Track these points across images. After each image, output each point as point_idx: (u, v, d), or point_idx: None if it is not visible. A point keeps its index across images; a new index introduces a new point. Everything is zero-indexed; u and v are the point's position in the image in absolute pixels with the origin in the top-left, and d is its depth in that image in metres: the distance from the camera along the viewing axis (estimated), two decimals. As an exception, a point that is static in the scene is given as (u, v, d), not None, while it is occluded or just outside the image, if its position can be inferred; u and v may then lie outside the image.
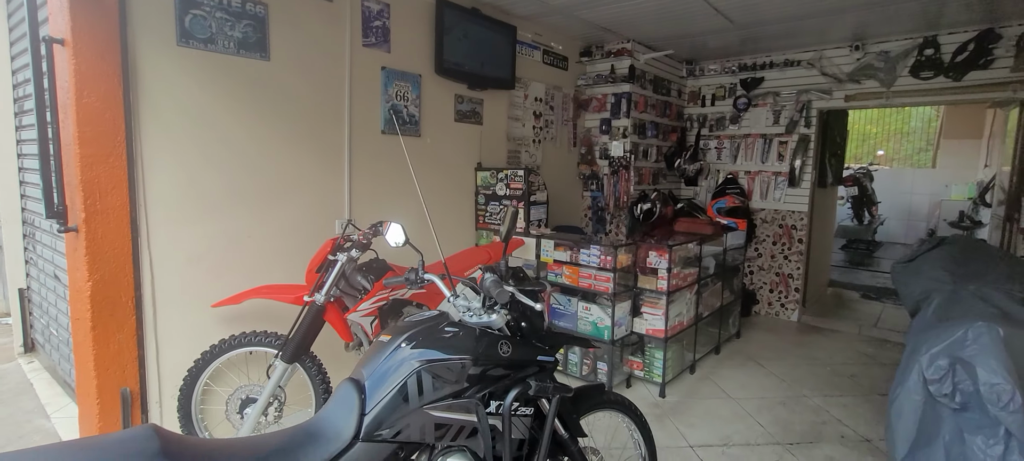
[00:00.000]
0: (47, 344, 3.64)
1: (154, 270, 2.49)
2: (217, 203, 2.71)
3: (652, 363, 3.55)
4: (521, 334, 1.63)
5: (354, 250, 2.55)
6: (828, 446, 2.92)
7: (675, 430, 3.06)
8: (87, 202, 2.26)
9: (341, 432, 1.29)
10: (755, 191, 5.31)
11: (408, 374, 1.37)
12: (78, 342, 2.42)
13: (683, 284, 3.60)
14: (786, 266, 5.20)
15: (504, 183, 3.93)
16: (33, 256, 3.76)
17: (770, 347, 4.46)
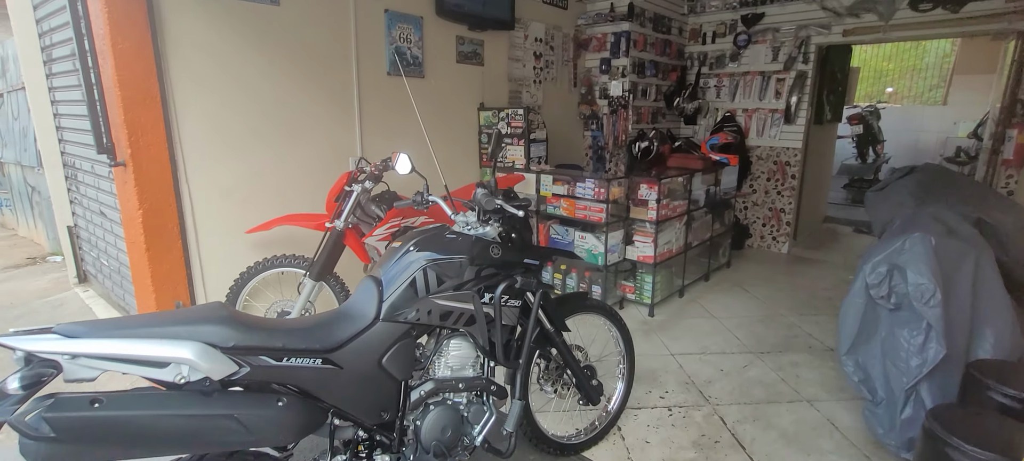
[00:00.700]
0: (99, 274, 4.06)
1: (193, 201, 2.82)
2: (242, 141, 2.99)
3: (642, 287, 3.88)
4: (511, 243, 1.93)
5: (367, 182, 2.84)
6: (795, 354, 3.26)
7: (660, 342, 3.42)
8: (131, 139, 2.56)
9: (366, 314, 1.61)
10: (752, 129, 5.46)
11: (416, 270, 1.68)
12: (135, 263, 2.79)
13: (672, 215, 3.86)
14: (779, 201, 5.41)
15: (506, 122, 4.15)
16: (77, 196, 4.12)
17: (757, 275, 4.76)
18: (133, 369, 1.19)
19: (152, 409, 1.20)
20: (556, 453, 2.29)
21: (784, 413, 2.66)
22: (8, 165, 6.76)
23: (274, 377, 1.38)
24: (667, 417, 2.63)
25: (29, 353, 1.10)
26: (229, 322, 1.33)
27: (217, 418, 1.26)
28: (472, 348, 1.87)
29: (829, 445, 2.42)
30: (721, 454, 2.36)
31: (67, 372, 1.13)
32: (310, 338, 1.46)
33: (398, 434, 1.67)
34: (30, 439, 1.07)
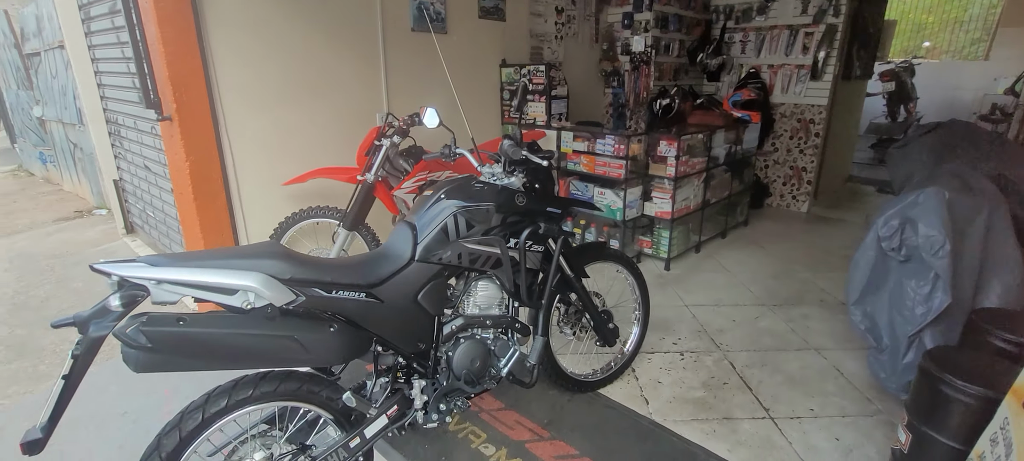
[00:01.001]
0: (145, 225, 4.33)
1: (234, 154, 2.99)
2: (276, 96, 3.13)
3: (659, 242, 3.99)
4: (535, 193, 2.05)
5: (395, 136, 2.97)
6: (806, 307, 3.37)
7: (674, 294, 3.55)
8: (176, 94, 2.71)
9: (402, 255, 1.77)
10: (777, 85, 5.38)
11: (447, 216, 1.82)
12: (183, 213, 3.00)
13: (691, 172, 3.92)
14: (801, 160, 5.38)
15: (527, 79, 4.20)
16: (121, 151, 4.35)
17: (774, 234, 4.82)
18: (207, 295, 1.37)
19: (226, 328, 1.38)
20: (574, 389, 2.48)
21: (792, 359, 2.79)
22: (50, 123, 7.05)
23: (325, 307, 1.55)
24: (679, 361, 2.79)
25: (122, 278, 1.28)
26: (286, 257, 1.49)
27: (280, 338, 1.45)
28: (498, 289, 2.03)
29: (833, 388, 2.56)
30: (729, 394, 2.52)
31: (154, 295, 1.31)
32: (355, 274, 1.62)
33: (432, 363, 1.86)
34: (130, 348, 1.26)
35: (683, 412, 2.40)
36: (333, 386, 1.67)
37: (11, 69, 8.22)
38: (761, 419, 2.35)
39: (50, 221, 6.00)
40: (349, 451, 1.66)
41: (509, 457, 2.12)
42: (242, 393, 1.48)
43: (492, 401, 2.45)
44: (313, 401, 1.62)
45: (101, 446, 2.26)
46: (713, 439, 2.23)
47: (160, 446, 1.39)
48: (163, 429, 1.41)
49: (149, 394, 2.56)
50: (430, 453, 2.13)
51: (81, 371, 1.24)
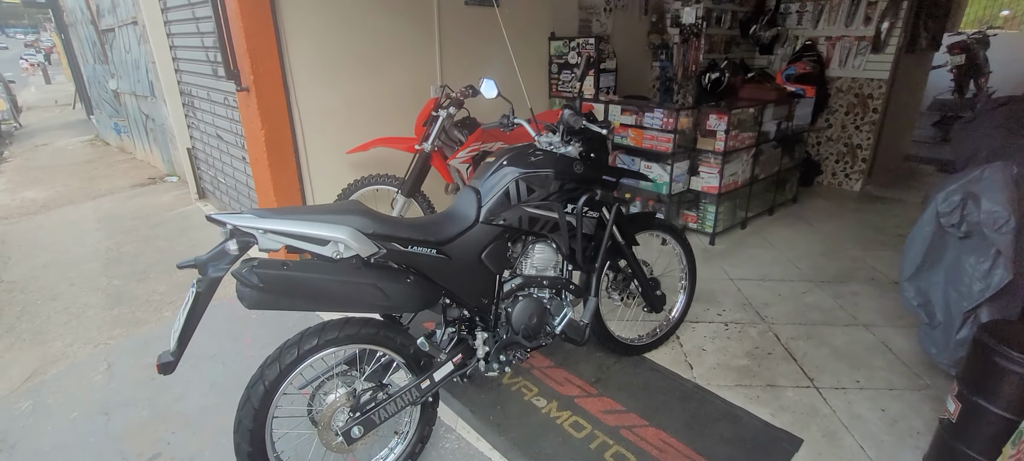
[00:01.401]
0: (216, 190, 4.66)
1: (303, 123, 3.20)
2: (341, 69, 3.31)
3: (705, 216, 4.01)
4: (591, 162, 2.14)
5: (451, 107, 3.10)
6: (856, 284, 3.34)
7: (719, 269, 3.59)
8: (253, 66, 2.92)
9: (467, 216, 1.91)
10: (834, 58, 5.19)
11: (509, 182, 1.94)
12: (258, 178, 3.25)
13: (740, 146, 3.89)
14: (856, 137, 5.21)
15: (576, 52, 4.23)
16: (194, 121, 4.67)
17: (824, 212, 4.72)
18: (303, 245, 1.55)
19: (321, 274, 1.57)
20: (620, 352, 2.60)
21: (838, 334, 2.81)
22: (124, 95, 7.56)
23: (402, 260, 1.72)
24: (723, 331, 2.86)
25: (235, 226, 1.47)
26: (369, 215, 1.66)
27: (365, 286, 1.62)
28: (554, 252, 2.15)
29: (880, 362, 2.58)
30: (773, 363, 2.58)
31: (260, 243, 1.50)
32: (427, 232, 1.78)
33: (494, 317, 2.01)
34: (245, 287, 1.46)
35: (727, 378, 2.48)
36: (405, 333, 1.85)
37: (88, 44, 8.81)
38: (805, 388, 2.41)
39: (128, 187, 6.51)
40: (420, 391, 1.84)
41: (560, 409, 2.27)
42: (329, 334, 1.67)
43: (542, 359, 2.60)
44: (388, 345, 1.80)
45: (196, 382, 2.55)
46: (756, 404, 2.31)
47: (263, 376, 1.60)
48: (265, 361, 1.62)
49: (234, 340, 2.84)
50: (486, 402, 2.31)
51: (203, 305, 1.45)
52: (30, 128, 12.59)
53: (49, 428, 2.33)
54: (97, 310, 3.36)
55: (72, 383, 2.64)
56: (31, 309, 3.45)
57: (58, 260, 4.20)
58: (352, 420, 1.71)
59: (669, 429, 2.15)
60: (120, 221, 4.97)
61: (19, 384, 2.69)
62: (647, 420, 2.21)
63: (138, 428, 2.29)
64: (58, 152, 9.32)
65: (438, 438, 2.17)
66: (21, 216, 5.60)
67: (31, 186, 6.94)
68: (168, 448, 2.17)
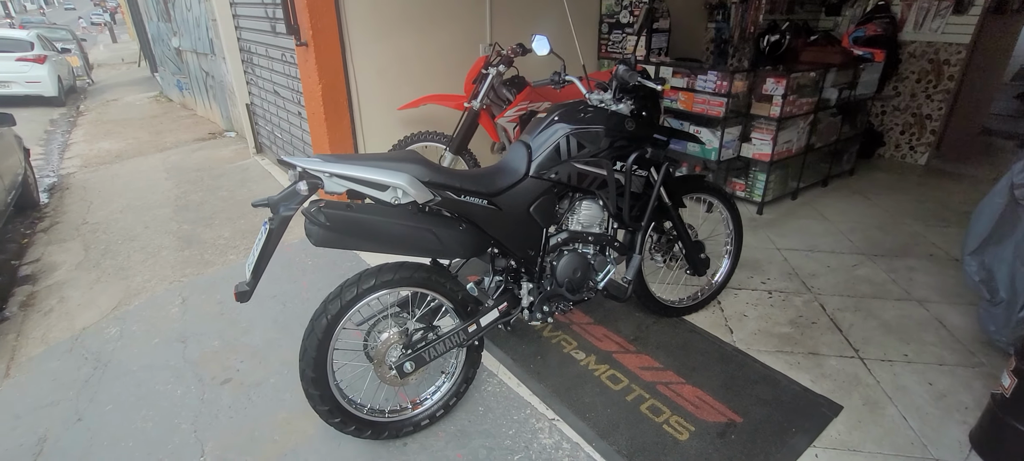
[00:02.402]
0: (272, 145, 4.89)
1: (358, 78, 3.30)
2: (393, 26, 3.37)
3: (754, 184, 3.91)
4: (643, 120, 2.14)
5: (501, 65, 3.12)
6: (913, 260, 3.21)
7: (766, 238, 3.52)
8: (312, 21, 3.02)
9: (518, 170, 1.96)
10: (909, 20, 4.83)
11: (560, 137, 1.97)
12: (315, 132, 3.40)
13: (797, 112, 3.74)
14: (926, 106, 4.88)
15: (628, 10, 4.12)
16: (253, 78, 4.88)
17: (883, 185, 4.50)
18: (365, 189, 1.65)
19: (382, 216, 1.67)
20: (660, 313, 2.63)
21: (889, 308, 2.74)
22: (186, 52, 7.92)
23: (455, 208, 1.80)
24: (767, 299, 2.83)
25: (304, 169, 1.58)
26: (425, 164, 1.74)
27: (422, 230, 1.72)
28: (600, 210, 2.18)
29: (932, 338, 2.50)
30: (817, 332, 2.55)
31: (326, 185, 1.61)
32: (479, 183, 1.85)
33: (539, 269, 2.08)
34: (313, 225, 1.58)
35: (768, 344, 2.48)
36: (454, 279, 1.95)
37: (152, 3, 9.20)
38: (849, 358, 2.39)
39: (191, 141, 6.90)
40: (467, 334, 1.95)
41: (598, 363, 2.34)
42: (385, 276, 1.78)
43: (582, 316, 2.67)
44: (438, 290, 1.90)
45: (260, 318, 2.77)
46: (796, 370, 2.31)
47: (326, 310, 1.73)
48: (328, 297, 1.75)
49: (293, 283, 3.05)
50: (527, 352, 2.41)
51: (275, 240, 1.58)
52: (101, 84, 13.41)
53: (135, 351, 2.60)
54: (170, 251, 3.65)
55: (153, 314, 2.92)
56: (113, 248, 3.78)
57: (134, 205, 4.56)
58: (404, 356, 1.84)
59: (706, 387, 2.19)
60: (186, 172, 5.30)
61: (108, 312, 2.99)
62: (684, 378, 2.25)
63: (211, 355, 2.53)
64: (127, 107, 9.92)
65: (481, 381, 2.29)
66: (99, 165, 6.06)
67: (105, 138, 7.46)
68: (237, 374, 2.39)
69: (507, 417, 2.10)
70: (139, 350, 2.61)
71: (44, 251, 3.88)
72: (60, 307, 3.09)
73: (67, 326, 2.89)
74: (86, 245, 3.89)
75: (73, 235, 4.11)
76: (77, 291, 3.25)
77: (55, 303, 3.14)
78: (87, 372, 2.48)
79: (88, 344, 2.70)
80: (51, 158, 6.72)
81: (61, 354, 2.64)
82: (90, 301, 3.12)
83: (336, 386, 1.83)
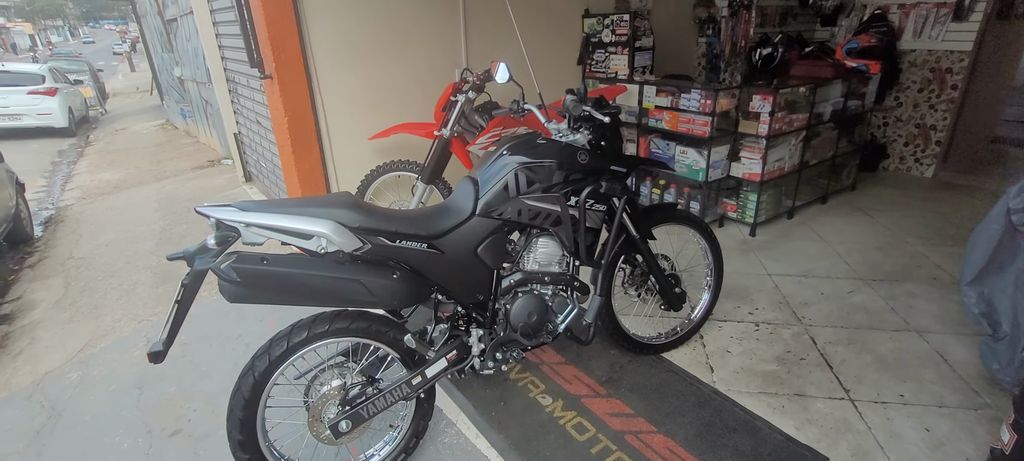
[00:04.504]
0: (260, 174, 4.86)
1: (326, 109, 3.24)
2: (363, 54, 3.31)
3: (746, 205, 3.73)
4: (600, 150, 2.01)
5: (470, 92, 3.03)
6: (913, 284, 3.00)
7: (757, 261, 3.34)
8: (275, 53, 2.97)
9: (463, 209, 1.84)
10: (908, 29, 4.64)
11: (508, 173, 1.85)
12: (284, 163, 3.34)
13: (788, 129, 3.57)
14: (931, 116, 4.67)
15: (610, 29, 4.02)
16: (239, 106, 4.87)
17: (886, 200, 4.28)
18: (287, 239, 1.54)
19: (301, 269, 1.56)
20: (635, 351, 2.47)
21: (886, 340, 2.54)
22: (187, 81, 8.03)
23: (389, 255, 1.68)
24: (753, 331, 2.65)
25: (219, 220, 1.48)
26: (354, 207, 1.63)
27: (347, 281, 1.60)
28: (558, 246, 2.05)
29: (932, 375, 2.30)
30: (805, 370, 2.37)
31: (244, 236, 1.51)
32: (417, 226, 1.73)
33: (490, 314, 1.95)
34: (224, 282, 1.47)
35: (750, 384, 2.30)
36: (399, 328, 1.82)
37: (156, 34, 9.40)
38: (839, 400, 2.20)
39: (189, 169, 6.95)
40: (412, 387, 1.82)
41: (564, 409, 2.19)
42: (319, 327, 1.67)
43: (553, 355, 2.52)
44: (381, 339, 1.78)
45: (220, 362, 2.68)
46: (780, 414, 2.13)
47: (253, 367, 1.62)
48: (256, 353, 1.64)
49: (259, 322, 2.95)
50: (490, 397, 2.27)
51: (190, 297, 1.47)
52: (113, 113, 13.73)
53: (91, 399, 2.52)
54: (145, 288, 3.60)
55: (116, 357, 2.85)
56: (91, 284, 3.75)
57: (119, 239, 4.55)
58: (341, 413, 1.72)
59: (678, 437, 2.02)
60: (176, 202, 5.30)
61: (74, 355, 2.93)
62: (656, 426, 2.09)
63: (165, 403, 2.44)
64: (134, 136, 10.10)
65: (438, 432, 2.15)
66: (97, 196, 6.11)
67: (108, 168, 7.56)
68: (188, 425, 2.29)
69: (460, 473, 1.96)
70: (95, 398, 2.53)
71: (27, 288, 3.87)
72: (29, 349, 3.04)
73: (32, 370, 2.83)
74: (67, 281, 3.86)
75: (57, 271, 4.09)
76: (49, 332, 3.20)
77: (25, 345, 3.10)
78: (41, 422, 2.41)
79: (48, 390, 2.63)
80: (53, 190, 6.82)
81: (20, 402, 2.58)
82: (59, 343, 3.06)
83: (268, 447, 1.71)
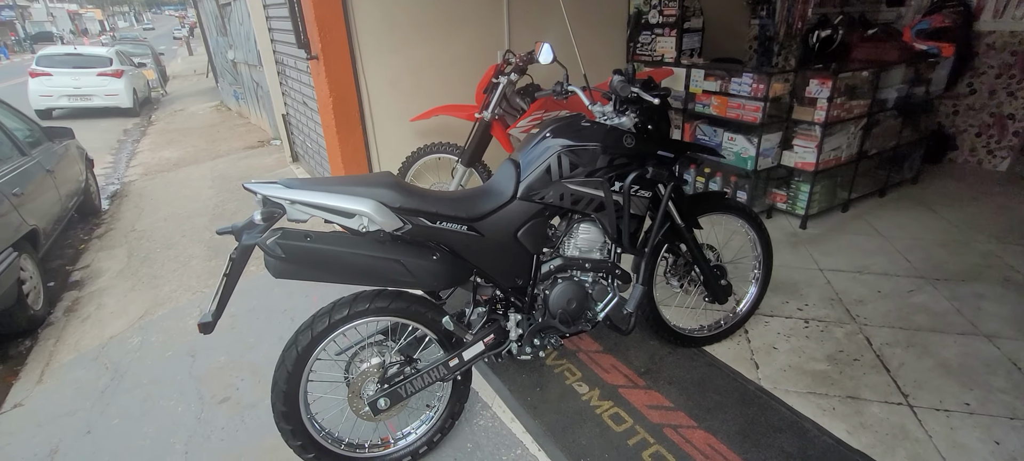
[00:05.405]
0: (306, 154, 5.00)
1: (369, 91, 3.27)
2: (406, 35, 3.31)
3: (797, 196, 3.55)
4: (647, 135, 1.94)
5: (513, 74, 2.99)
6: (982, 285, 2.79)
7: (808, 255, 3.18)
8: (321, 34, 3.01)
9: (504, 193, 1.82)
10: (987, 8, 4.26)
11: (551, 156, 1.81)
12: (329, 143, 3.41)
13: (846, 117, 3.36)
14: (1009, 105, 4.29)
15: (658, 10, 3.87)
16: (287, 88, 5.00)
17: (953, 195, 3.98)
18: (331, 217, 1.56)
19: (343, 247, 1.58)
20: (676, 343, 2.40)
21: (949, 344, 2.37)
22: (240, 64, 8.32)
23: (430, 236, 1.69)
24: (802, 328, 2.53)
25: (265, 196, 1.51)
26: (396, 187, 1.63)
27: (388, 261, 1.62)
28: (600, 233, 2.00)
29: (1003, 384, 2.13)
30: (858, 371, 2.24)
31: (289, 213, 1.54)
32: (458, 208, 1.72)
33: (529, 299, 1.93)
34: (270, 257, 1.51)
35: (798, 383, 2.20)
36: (438, 309, 1.83)
37: (212, 19, 9.76)
38: (896, 405, 2.07)
39: (241, 148, 7.23)
40: (448, 369, 1.83)
41: (601, 398, 2.16)
42: (360, 305, 1.70)
43: (590, 343, 2.49)
44: (419, 320, 1.80)
45: (267, 334, 2.78)
46: (830, 417, 2.02)
47: (297, 341, 1.67)
48: (299, 328, 1.69)
49: (303, 297, 3.05)
50: (526, 383, 2.26)
51: (238, 271, 1.52)
52: (173, 95, 14.42)
53: (149, 363, 2.68)
54: (199, 260, 3.78)
55: (172, 325, 3.01)
56: (151, 256, 3.97)
57: (177, 213, 4.79)
58: (379, 391, 1.75)
59: (719, 434, 1.96)
60: (228, 180, 5.53)
61: (135, 321, 3.12)
62: (696, 421, 2.03)
63: (216, 371, 2.56)
64: (191, 116, 10.58)
65: (473, 414, 2.17)
66: (157, 173, 6.46)
67: (168, 146, 7.96)
68: (236, 393, 2.39)
69: (496, 457, 1.97)
70: (153, 362, 2.68)
71: (94, 257, 4.13)
72: (96, 314, 3.26)
73: (98, 334, 3.03)
74: (130, 252, 4.11)
75: (121, 242, 4.35)
76: (113, 298, 3.42)
77: (93, 310, 3.32)
78: (105, 382, 2.57)
79: (111, 353, 2.81)
80: (119, 166, 7.25)
81: (87, 363, 2.76)
82: (122, 309, 3.26)
83: (310, 419, 1.76)
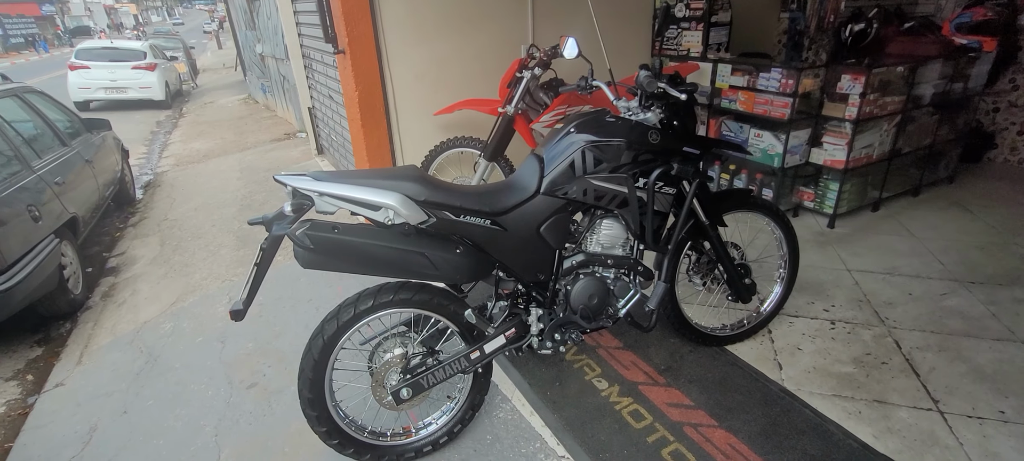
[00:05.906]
0: (331, 147, 5.08)
1: (394, 85, 3.31)
2: (430, 30, 3.33)
3: (825, 194, 3.47)
4: (673, 131, 1.92)
5: (537, 68, 2.98)
6: (1021, 290, 2.69)
7: (836, 256, 3.11)
8: (348, 28, 3.05)
9: (528, 187, 1.83)
10: (1034, 1, 4.08)
11: (575, 151, 1.81)
12: (354, 136, 3.46)
13: (880, 114, 3.26)
14: (1056, 101, 4.11)
15: (685, 4, 3.81)
16: (313, 81, 5.09)
17: (991, 195, 3.84)
18: (357, 209, 1.60)
19: (369, 239, 1.61)
20: (698, 341, 2.38)
21: (984, 350, 2.30)
22: (267, 58, 8.48)
23: (453, 230, 1.71)
24: (828, 329, 2.49)
25: (295, 188, 1.55)
26: (421, 181, 1.66)
27: (412, 253, 1.64)
28: (623, 229, 1.99)
29: (1040, 392, 2.06)
30: (886, 375, 2.19)
31: (317, 205, 1.58)
32: (482, 202, 1.74)
33: (551, 294, 1.94)
34: (298, 248, 1.55)
35: (823, 385, 2.16)
36: (460, 302, 1.85)
37: (241, 13, 9.96)
38: (926, 410, 2.02)
39: (268, 141, 7.38)
40: (470, 361, 1.85)
41: (621, 394, 2.16)
42: (384, 297, 1.73)
43: (611, 339, 2.49)
44: (442, 312, 1.82)
45: (292, 322, 2.85)
46: (855, 420, 1.99)
47: (323, 330, 1.71)
48: (325, 317, 1.73)
49: (329, 287, 3.12)
50: (546, 377, 2.27)
51: (268, 261, 1.57)
52: (203, 88, 14.79)
53: (181, 348, 2.77)
54: (229, 249, 3.89)
55: (203, 311, 3.10)
56: (183, 244, 4.09)
57: (207, 203, 4.93)
58: (402, 381, 1.78)
59: (741, 434, 1.94)
60: (256, 172, 5.66)
61: (168, 307, 3.23)
62: (717, 420, 2.01)
63: (244, 357, 2.63)
64: (220, 109, 10.84)
65: (493, 406, 2.19)
66: (188, 164, 6.64)
67: (198, 138, 8.17)
68: (263, 379, 2.46)
69: (515, 450, 1.99)
70: (185, 347, 2.78)
71: (129, 245, 4.29)
72: (131, 300, 3.38)
73: (133, 319, 3.15)
74: (163, 240, 4.25)
75: (154, 230, 4.50)
76: (147, 285, 3.54)
77: (128, 296, 3.44)
78: (140, 365, 2.68)
79: (146, 338, 2.92)
80: (152, 157, 7.48)
81: (123, 346, 2.88)
82: (156, 295, 3.38)
83: (334, 407, 1.81)
